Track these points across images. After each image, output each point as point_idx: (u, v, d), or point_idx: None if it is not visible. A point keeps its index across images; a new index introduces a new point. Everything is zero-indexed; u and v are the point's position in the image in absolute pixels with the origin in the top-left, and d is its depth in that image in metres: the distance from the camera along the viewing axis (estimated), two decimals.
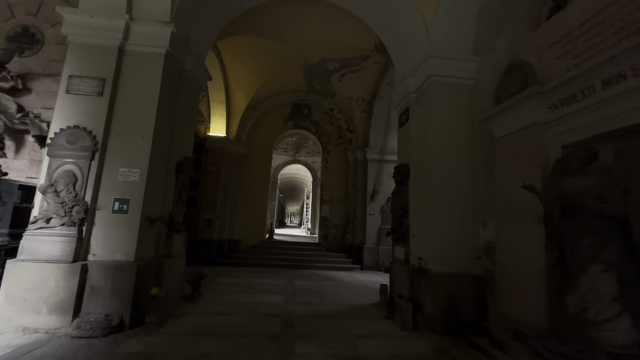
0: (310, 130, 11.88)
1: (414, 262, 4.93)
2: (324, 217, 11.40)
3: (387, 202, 10.55)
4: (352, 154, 11.33)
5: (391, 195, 5.90)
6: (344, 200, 11.55)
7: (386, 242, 10.34)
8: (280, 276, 8.21)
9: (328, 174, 11.68)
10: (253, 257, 9.99)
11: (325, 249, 11.03)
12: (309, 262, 9.96)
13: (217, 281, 7.11)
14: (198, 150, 10.32)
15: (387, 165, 10.68)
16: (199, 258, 9.53)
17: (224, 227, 10.19)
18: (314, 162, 18.94)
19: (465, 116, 4.85)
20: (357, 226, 10.72)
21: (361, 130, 11.16)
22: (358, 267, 10.07)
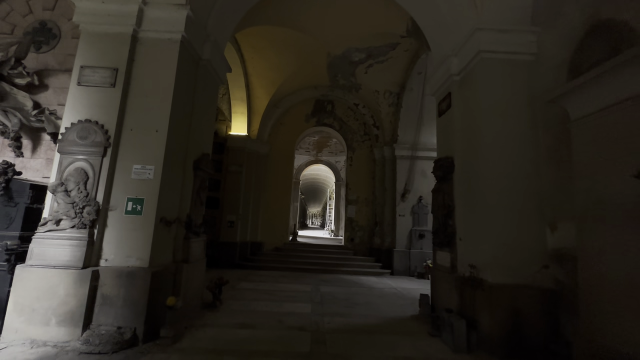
0: (333, 127, 11.33)
1: (463, 270, 4.22)
2: (350, 218, 10.79)
3: (419, 202, 9.79)
4: (379, 151, 10.65)
5: (432, 193, 5.20)
6: (370, 200, 10.88)
7: (418, 245, 9.58)
8: (306, 281, 7.69)
9: (353, 173, 11.06)
10: (276, 261, 9.55)
11: (351, 252, 10.41)
12: (335, 266, 9.38)
13: (239, 286, 6.70)
14: (219, 150, 10.07)
15: (419, 162, 9.93)
16: (220, 261, 9.23)
17: (246, 229, 9.84)
18: (336, 161, 18.38)
19: (523, 98, 4.10)
20: (386, 228, 10.02)
21: (388, 125, 10.45)
22: (388, 272, 9.36)
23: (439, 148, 5.34)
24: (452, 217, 4.57)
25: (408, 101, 9.78)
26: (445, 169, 4.75)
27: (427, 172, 9.89)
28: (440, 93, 5.28)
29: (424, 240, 9.61)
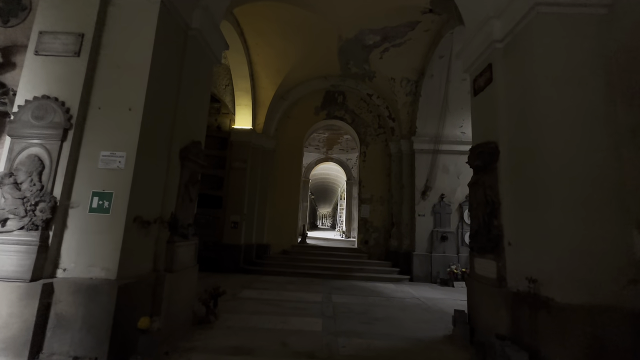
0: (345, 120, 10.48)
1: (516, 284, 3.31)
2: (364, 218, 9.91)
3: (440, 200, 8.85)
4: (395, 145, 9.74)
5: (468, 187, 4.30)
6: (386, 199, 9.98)
7: (440, 249, 8.63)
8: (316, 289, 6.87)
9: (367, 170, 10.18)
10: (284, 265, 8.77)
11: (366, 255, 9.53)
12: (348, 272, 8.52)
13: (241, 295, 5.93)
14: (223, 146, 9.38)
15: (442, 157, 8.99)
16: (224, 265, 8.51)
17: (251, 230, 9.10)
18: (348, 159, 17.53)
19: (595, 64, 3.18)
20: (404, 229, 9.10)
21: (406, 116, 9.54)
22: (406, 278, 8.45)
23: (476, 133, 4.44)
24: (497, 216, 3.66)
25: (428, 89, 8.85)
26: (486, 157, 3.85)
27: (449, 167, 8.96)
28: (477, 67, 4.38)
29: (446, 243, 8.65)
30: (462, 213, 8.79)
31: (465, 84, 8.46)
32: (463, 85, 8.56)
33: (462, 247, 8.62)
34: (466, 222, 8.72)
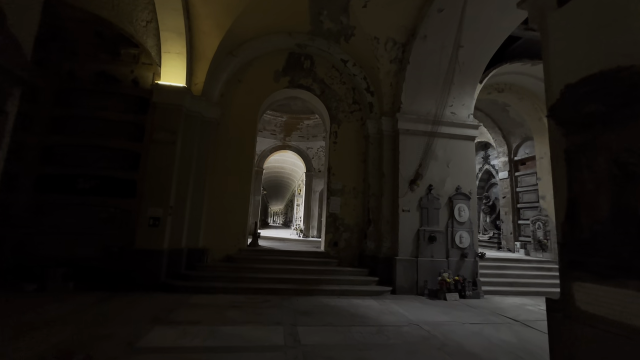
0: (313, 92, 8.34)
1: None
2: (333, 214, 7.90)
3: (428, 192, 7.22)
4: (374, 124, 7.91)
5: (566, 156, 2.48)
6: (360, 190, 8.10)
7: (428, 252, 7.00)
8: (273, 317, 4.65)
9: (338, 154, 8.19)
10: (227, 277, 6.33)
11: (335, 261, 7.53)
12: (315, 284, 6.43)
13: (142, 345, 3.44)
14: (141, 108, 6.59)
15: (440, 140, 7.40)
16: (135, 281, 5.81)
17: (180, 229, 6.48)
18: (308, 147, 15.42)
19: None
20: (384, 228, 7.30)
21: (388, 89, 7.75)
22: (388, 290, 6.65)
23: (565, 64, 2.64)
24: None
25: (418, 55, 7.15)
26: (617, 95, 2.04)
27: (437, 153, 7.39)
28: None
29: (434, 244, 7.06)
30: (453, 208, 7.29)
31: (461, 51, 6.94)
32: (459, 51, 7.04)
33: (452, 250, 7.11)
34: (457, 220, 7.23)
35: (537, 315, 5.50)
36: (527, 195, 11.16)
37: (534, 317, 5.35)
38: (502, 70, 8.64)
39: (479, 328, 4.66)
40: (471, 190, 7.47)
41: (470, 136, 7.70)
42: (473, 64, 7.34)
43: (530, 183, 11.09)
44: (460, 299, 6.51)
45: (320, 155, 15.32)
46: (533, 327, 4.83)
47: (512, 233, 11.43)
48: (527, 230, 10.76)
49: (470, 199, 7.41)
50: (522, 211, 11.32)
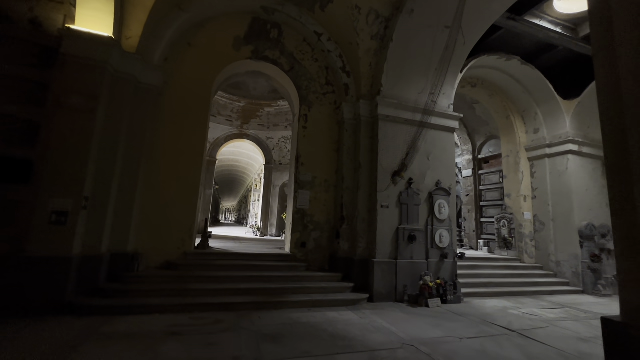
0: (280, 66, 7.12)
1: None
2: (302, 210, 6.79)
3: (408, 187, 6.50)
4: (351, 109, 6.98)
5: None
6: (333, 183, 7.11)
7: (407, 253, 6.27)
8: (228, 346, 3.42)
9: (308, 141, 7.09)
10: (167, 291, 4.86)
11: (304, 265, 6.43)
12: (281, 295, 5.27)
13: None
14: (44, 61, 4.80)
15: (406, 128, 6.68)
16: (28, 299, 4.10)
17: (100, 228, 4.83)
18: (269, 138, 14.07)
19: None
20: (360, 226, 6.41)
21: (367, 70, 6.86)
22: (365, 298, 5.76)
23: None
24: None
25: (403, 33, 6.36)
26: None
27: (419, 145, 6.69)
28: None
29: (414, 244, 6.36)
30: (433, 205, 6.67)
31: (444, 35, 6.33)
32: (441, 35, 6.42)
33: (432, 250, 6.48)
34: (437, 217, 6.63)
35: (528, 322, 5.04)
36: (491, 194, 11.24)
37: (526, 325, 4.86)
38: (478, 63, 8.32)
39: (479, 344, 3.95)
40: (451, 186, 6.94)
41: (451, 128, 7.17)
42: (457, 49, 6.78)
43: (494, 181, 11.17)
44: (442, 305, 5.88)
45: (282, 146, 14.06)
46: (532, 337, 4.28)
47: (475, 231, 11.45)
48: (490, 228, 10.80)
49: (450, 194, 6.86)
50: (485, 209, 11.39)
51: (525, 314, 5.55)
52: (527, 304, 6.40)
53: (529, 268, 8.71)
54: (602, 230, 8.50)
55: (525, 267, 8.75)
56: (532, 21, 7.40)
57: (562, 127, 8.93)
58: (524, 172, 9.56)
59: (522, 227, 9.31)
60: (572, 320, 5.31)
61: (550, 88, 8.81)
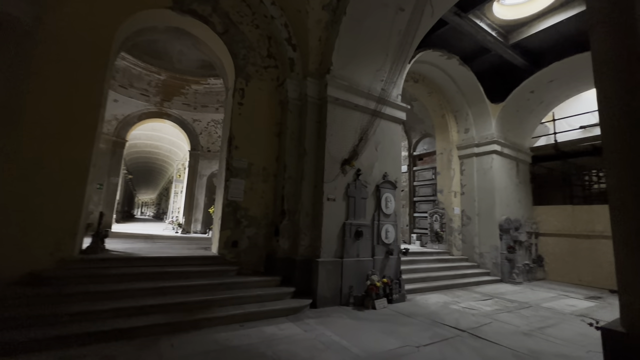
0: (211, 25, 5.79)
1: None
2: (234, 202, 5.66)
3: (356, 178, 5.96)
4: (296, 87, 6.10)
5: None
6: (272, 172, 6.14)
7: (353, 250, 5.73)
8: None
9: (245, 121, 5.96)
10: (22, 319, 3.27)
11: (234, 269, 5.32)
12: (204, 309, 4.14)
13: None
14: None
15: (356, 115, 6.15)
16: None
17: None
18: (195, 120, 12.24)
19: None
20: (303, 221, 5.61)
21: (316, 44, 6.06)
22: (307, 304, 4.99)
23: None
24: None
25: (358, 6, 5.71)
26: None
27: (367, 134, 6.20)
28: None
29: (361, 241, 5.86)
30: (380, 198, 6.27)
31: (400, 16, 5.95)
32: (398, 18, 6.03)
33: (378, 247, 6.07)
34: (383, 212, 6.25)
35: (472, 318, 4.95)
36: (424, 189, 11.66)
37: (472, 322, 4.74)
38: (423, 57, 8.28)
39: (438, 352, 3.55)
40: (397, 179, 6.65)
41: (399, 118, 6.88)
42: (409, 37, 6.46)
43: (427, 178, 11.60)
44: (389, 305, 5.50)
45: (211, 131, 12.36)
46: (483, 337, 4.10)
47: (408, 225, 11.77)
48: (423, 222, 11.19)
49: (396, 188, 6.57)
50: (418, 204, 11.78)
51: (465, 309, 5.51)
52: (463, 297, 6.51)
53: (457, 260, 9.15)
54: (516, 224, 9.41)
55: (454, 259, 9.17)
56: (475, 20, 7.58)
57: (489, 128, 9.60)
58: (455, 169, 10.06)
59: (452, 221, 9.78)
60: (506, 312, 5.45)
61: (481, 91, 9.34)
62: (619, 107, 2.12)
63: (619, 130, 2.10)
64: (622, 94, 2.10)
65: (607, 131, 2.17)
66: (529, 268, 9.34)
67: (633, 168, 2.02)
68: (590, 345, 3.99)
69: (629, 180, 2.04)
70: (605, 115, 2.21)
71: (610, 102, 2.17)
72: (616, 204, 2.11)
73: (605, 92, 2.22)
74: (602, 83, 2.23)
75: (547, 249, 9.99)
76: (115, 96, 10.38)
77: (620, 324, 2.03)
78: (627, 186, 2.04)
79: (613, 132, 2.14)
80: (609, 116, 2.18)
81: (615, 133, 2.13)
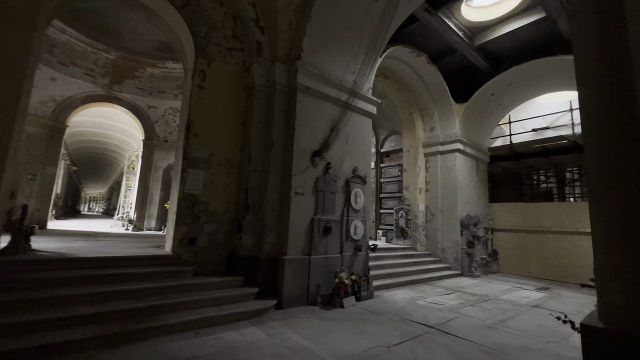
0: (171, 1, 5.17)
1: None
2: (192, 195, 5.12)
3: (325, 172, 5.72)
4: (263, 72, 5.67)
5: None
6: (237, 163, 5.67)
7: (322, 247, 5.49)
8: None
9: (206, 106, 5.41)
10: None
11: (191, 269, 4.80)
12: (153, 316, 3.62)
13: None
14: None
15: (326, 105, 5.89)
16: None
17: None
18: (151, 107, 11.22)
19: None
20: (269, 216, 5.23)
21: (286, 28, 5.67)
22: (272, 305, 4.65)
23: None
24: None
25: None
26: None
27: (338, 127, 5.98)
28: None
29: (329, 237, 5.63)
30: (349, 193, 6.08)
31: (373, 7, 5.79)
32: (372, 8, 5.86)
33: (347, 243, 5.89)
34: (353, 207, 6.07)
35: (439, 314, 4.95)
36: (390, 186, 11.78)
37: (440, 318, 4.73)
38: (394, 53, 8.25)
39: (409, 351, 3.42)
40: (366, 174, 6.52)
41: (369, 112, 6.76)
42: (382, 29, 6.33)
43: (393, 174, 11.74)
44: (357, 303, 5.34)
45: (169, 119, 11.40)
46: (451, 333, 4.07)
47: (375, 221, 11.84)
48: (389, 219, 11.30)
49: (365, 183, 6.43)
50: (384, 201, 11.88)
51: (432, 304, 5.53)
52: (428, 292, 6.57)
53: (421, 256, 9.33)
54: (475, 220, 9.83)
55: (418, 254, 9.33)
56: (444, 19, 7.67)
57: (453, 127, 9.89)
58: (421, 166, 10.25)
59: (417, 217, 9.96)
60: (469, 306, 5.55)
61: (447, 90, 9.58)
62: (600, 100, 2.06)
63: (601, 121, 2.05)
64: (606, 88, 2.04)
65: (588, 120, 2.11)
66: (485, 262, 9.81)
67: (612, 161, 1.97)
68: (548, 336, 4.13)
69: (609, 173, 1.99)
70: (586, 109, 2.15)
71: (591, 96, 2.11)
72: (595, 197, 2.06)
73: (587, 85, 2.16)
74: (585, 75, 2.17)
75: (501, 244, 10.59)
76: (53, 74, 9.09)
77: (598, 319, 1.98)
78: (607, 179, 1.99)
79: (595, 121, 2.08)
80: (591, 109, 2.12)
81: (597, 124, 2.08)
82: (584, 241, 8.97)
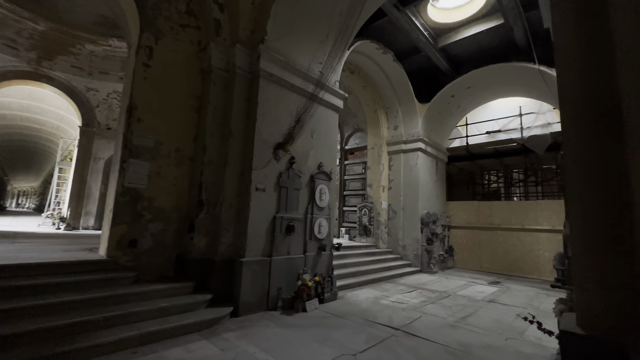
0: None
1: None
2: (133, 190, 4.42)
3: (289, 167, 5.35)
4: (223, 54, 5.11)
5: None
6: (189, 154, 5.05)
7: (284, 247, 5.12)
8: None
9: (153, 87, 4.71)
10: None
11: (131, 275, 4.13)
12: (77, 334, 2.98)
13: None
14: None
15: (291, 96, 5.51)
16: None
17: None
18: (90, 89, 9.93)
19: None
20: (226, 214, 4.72)
21: (249, 8, 5.17)
22: (227, 313, 4.18)
23: None
24: None
25: None
26: None
27: (303, 119, 5.63)
28: None
29: (292, 237, 5.27)
30: (314, 190, 5.77)
31: None
32: None
33: (310, 242, 5.58)
34: (317, 205, 5.78)
35: (403, 313, 4.87)
36: (354, 183, 11.71)
37: (404, 318, 4.63)
38: (361, 48, 8.09)
39: (376, 357, 3.22)
40: (332, 170, 6.26)
41: (336, 106, 6.50)
42: (351, 19, 6.07)
43: (357, 172, 11.68)
44: (320, 305, 5.06)
45: (112, 104, 10.15)
46: (416, 334, 3.96)
47: (338, 219, 11.70)
48: (352, 216, 11.23)
49: (331, 179, 6.17)
50: (348, 198, 11.79)
51: (395, 303, 5.45)
52: (391, 290, 6.53)
53: (383, 253, 9.37)
54: (434, 218, 10.12)
55: (380, 252, 9.36)
56: (411, 17, 7.66)
57: (415, 126, 10.05)
58: (385, 164, 10.29)
59: (380, 215, 9.99)
60: (431, 304, 5.57)
61: (411, 89, 9.68)
62: (582, 93, 1.97)
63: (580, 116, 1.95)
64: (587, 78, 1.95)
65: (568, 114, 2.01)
66: (442, 258, 10.16)
67: (593, 161, 1.88)
68: (506, 333, 4.21)
69: (589, 174, 1.90)
70: (566, 105, 2.05)
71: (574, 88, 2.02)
72: (575, 198, 1.96)
73: (568, 76, 2.06)
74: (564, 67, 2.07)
75: (457, 240, 11.07)
76: None
77: (576, 324, 1.88)
78: (587, 181, 1.90)
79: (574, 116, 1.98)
80: (571, 104, 2.02)
81: (576, 119, 1.98)
82: (528, 237, 9.67)
